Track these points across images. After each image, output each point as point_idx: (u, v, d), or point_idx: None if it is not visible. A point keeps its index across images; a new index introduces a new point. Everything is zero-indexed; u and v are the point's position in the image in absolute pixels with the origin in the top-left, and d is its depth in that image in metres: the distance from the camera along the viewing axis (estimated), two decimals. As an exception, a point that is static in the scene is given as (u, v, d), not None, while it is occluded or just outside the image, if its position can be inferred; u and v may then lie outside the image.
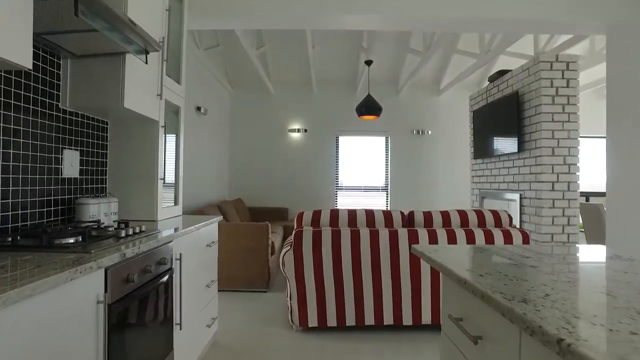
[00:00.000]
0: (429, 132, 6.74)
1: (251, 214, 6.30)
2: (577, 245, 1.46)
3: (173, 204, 2.59)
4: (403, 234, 2.74)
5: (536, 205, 3.95)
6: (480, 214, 2.92)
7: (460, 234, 2.74)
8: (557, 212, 3.86)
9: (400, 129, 6.75)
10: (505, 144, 4.49)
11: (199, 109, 4.89)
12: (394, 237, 2.73)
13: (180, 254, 1.81)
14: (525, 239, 2.77)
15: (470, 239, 2.73)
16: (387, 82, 6.68)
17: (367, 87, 6.63)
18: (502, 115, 4.51)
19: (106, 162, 2.24)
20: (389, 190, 6.83)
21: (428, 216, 2.90)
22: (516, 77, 4.33)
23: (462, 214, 2.92)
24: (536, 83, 3.93)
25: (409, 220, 2.96)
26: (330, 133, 6.72)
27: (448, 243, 2.73)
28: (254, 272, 3.82)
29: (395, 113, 6.72)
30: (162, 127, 2.27)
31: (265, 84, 6.30)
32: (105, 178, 2.23)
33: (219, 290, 3.79)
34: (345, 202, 6.84)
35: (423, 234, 2.74)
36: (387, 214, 2.91)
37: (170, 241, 1.73)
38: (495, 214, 2.94)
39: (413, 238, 2.73)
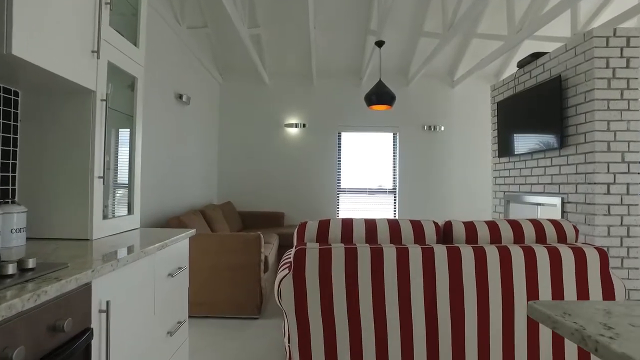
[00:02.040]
0: (442, 128, 6.04)
1: (242, 219, 5.57)
2: None
3: (126, 212, 1.86)
4: (440, 253, 2.03)
5: (586, 212, 3.26)
6: (538, 226, 2.22)
7: (517, 254, 2.03)
8: (613, 220, 3.16)
9: (410, 124, 6.05)
10: (541, 139, 3.80)
11: (180, 96, 4.16)
12: (428, 257, 2.02)
13: (109, 302, 1.09)
14: (604, 260, 2.07)
15: (531, 261, 2.03)
16: (396, 72, 5.97)
17: (373, 78, 5.93)
18: (538, 106, 3.81)
19: (16, 152, 1.51)
20: (397, 193, 6.12)
21: (470, 228, 2.19)
22: (557, 59, 3.63)
23: (515, 226, 2.21)
24: (587, 64, 3.23)
25: (444, 233, 2.25)
26: (332, 128, 6.01)
27: (501, 265, 2.02)
28: (242, 295, 3.10)
29: (404, 106, 6.01)
30: (103, 101, 1.55)
31: (259, 73, 5.58)
32: (13, 176, 1.50)
33: (196, 317, 3.07)
34: (348, 206, 6.12)
35: (467, 253, 2.03)
36: (416, 226, 2.20)
37: (88, 283, 1.01)
38: (557, 225, 2.24)
39: (454, 259, 2.02)
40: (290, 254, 2.40)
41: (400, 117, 6.01)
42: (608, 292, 2.08)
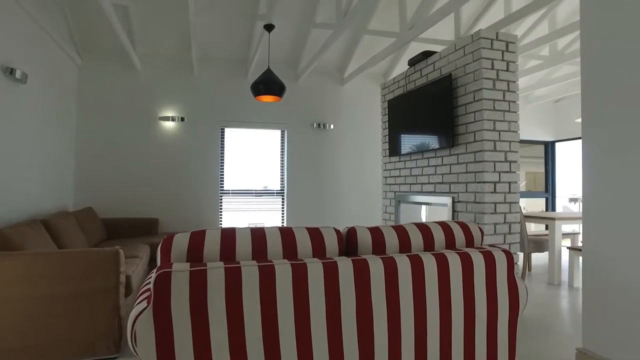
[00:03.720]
0: (332, 127, 5.88)
1: (107, 228, 4.63)
2: None
3: None
4: (345, 267, 1.67)
5: (476, 211, 3.28)
6: (447, 230, 2.02)
7: (429, 263, 1.78)
8: (498, 218, 3.23)
9: (299, 121, 5.76)
10: (432, 138, 3.78)
11: (11, 71, 3.17)
12: (331, 274, 1.64)
13: None
14: (510, 263, 1.95)
15: (443, 271, 1.79)
16: (285, 65, 5.63)
17: (260, 70, 5.47)
18: (429, 104, 3.79)
19: None
20: (285, 195, 5.77)
21: (377, 236, 1.89)
22: (447, 59, 3.64)
23: (425, 231, 1.97)
24: (475, 64, 3.26)
25: (348, 242, 1.91)
26: (215, 123, 5.40)
27: (413, 277, 1.74)
28: (93, 329, 2.37)
29: (293, 102, 5.70)
30: None
31: (129, 57, 4.72)
32: None
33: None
34: (232, 207, 5.58)
35: (376, 267, 1.70)
36: (315, 235, 1.81)
37: None
38: (464, 228, 2.07)
39: (361, 273, 1.68)
40: (150, 279, 1.81)
41: (289, 114, 5.68)
42: (513, 295, 1.96)
